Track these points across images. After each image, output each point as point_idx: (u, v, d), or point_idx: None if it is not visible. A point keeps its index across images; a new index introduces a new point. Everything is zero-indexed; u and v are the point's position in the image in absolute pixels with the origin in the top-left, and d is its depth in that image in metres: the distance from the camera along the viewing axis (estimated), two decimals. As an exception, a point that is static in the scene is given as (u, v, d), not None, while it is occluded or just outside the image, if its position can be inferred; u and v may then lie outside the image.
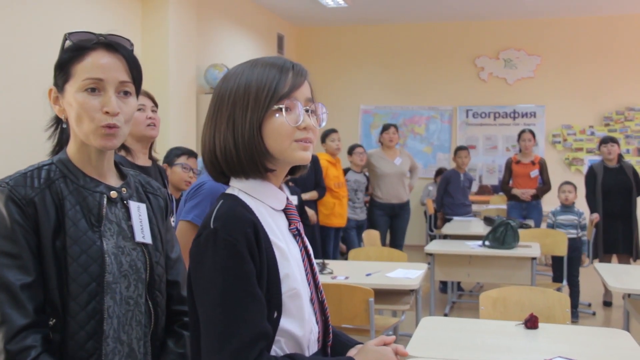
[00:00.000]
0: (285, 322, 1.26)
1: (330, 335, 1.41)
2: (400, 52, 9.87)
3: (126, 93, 1.42)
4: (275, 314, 1.25)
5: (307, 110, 1.30)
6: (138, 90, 1.46)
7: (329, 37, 10.12)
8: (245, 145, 1.27)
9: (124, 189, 1.46)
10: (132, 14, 5.86)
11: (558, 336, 2.63)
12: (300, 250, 1.36)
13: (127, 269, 1.40)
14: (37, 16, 4.68)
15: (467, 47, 9.68)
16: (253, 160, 1.28)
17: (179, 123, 6.10)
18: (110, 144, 1.39)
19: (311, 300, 1.34)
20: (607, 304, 6.21)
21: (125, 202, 1.46)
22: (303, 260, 1.35)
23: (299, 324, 1.29)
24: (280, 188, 1.37)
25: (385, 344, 1.38)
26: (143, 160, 2.63)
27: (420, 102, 9.87)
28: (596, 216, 6.08)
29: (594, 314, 5.93)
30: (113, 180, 1.47)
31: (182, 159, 3.70)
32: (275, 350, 1.25)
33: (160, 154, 3.75)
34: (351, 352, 1.40)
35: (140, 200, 1.50)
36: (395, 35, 9.89)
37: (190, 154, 3.76)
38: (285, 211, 1.37)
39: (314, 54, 9.92)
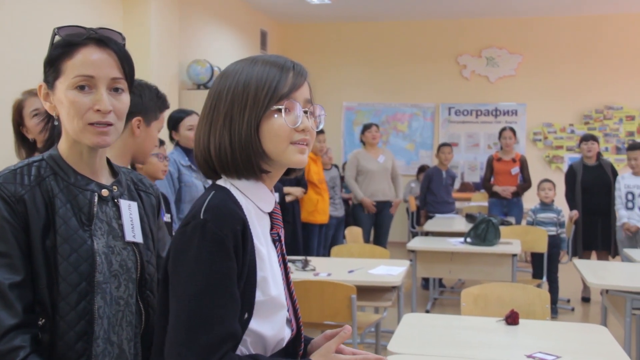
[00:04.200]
0: (255, 324, 1.24)
1: (302, 344, 1.40)
2: (383, 50, 9.89)
3: (118, 89, 1.38)
4: (246, 315, 1.23)
5: (305, 112, 1.28)
6: (131, 86, 1.43)
7: (313, 34, 10.11)
8: (241, 145, 1.25)
9: (115, 187, 1.44)
10: (113, 8, 5.81)
11: (538, 332, 2.67)
12: (278, 257, 1.35)
13: (117, 268, 1.38)
14: (15, 13, 4.62)
15: (450, 45, 9.73)
16: (249, 161, 1.26)
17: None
18: (102, 142, 1.36)
19: (287, 305, 1.33)
20: (586, 299, 6.29)
21: (116, 200, 1.43)
22: (280, 266, 1.34)
23: (270, 326, 1.28)
24: (271, 191, 1.36)
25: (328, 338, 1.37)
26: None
27: (403, 100, 9.91)
28: (575, 213, 6.16)
29: (572, 309, 6.00)
30: (105, 178, 1.44)
31: (155, 149, 3.67)
32: (240, 350, 1.23)
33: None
34: (309, 348, 1.40)
35: (131, 198, 1.47)
36: (379, 33, 9.91)
37: (161, 142, 3.75)
38: (271, 214, 1.36)
39: (297, 50, 9.91)
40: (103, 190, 1.40)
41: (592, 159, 6.25)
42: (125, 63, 1.41)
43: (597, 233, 6.19)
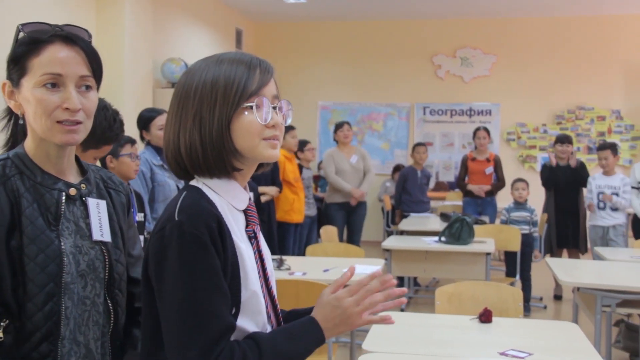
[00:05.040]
0: (240, 320, 1.25)
1: None
2: (358, 49, 9.92)
3: (87, 87, 1.36)
4: (234, 310, 1.24)
5: (274, 108, 1.29)
6: (99, 83, 1.41)
7: (288, 33, 10.10)
8: (212, 144, 1.25)
9: (83, 185, 1.41)
10: (86, 4, 5.74)
11: (511, 329, 2.70)
12: (255, 254, 1.34)
13: (84, 268, 1.36)
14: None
15: (425, 45, 9.78)
16: (221, 159, 1.26)
17: (134, 117, 5.98)
18: (72, 140, 1.34)
19: (265, 302, 1.33)
20: (558, 297, 6.38)
21: (84, 199, 1.41)
22: (257, 263, 1.34)
23: (254, 322, 1.28)
24: (245, 188, 1.36)
25: (341, 286, 1.32)
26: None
27: (378, 99, 9.95)
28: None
29: (545, 307, 6.08)
30: (73, 176, 1.42)
31: (127, 149, 3.64)
32: None
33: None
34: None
35: (100, 196, 1.45)
36: (354, 32, 9.93)
37: (133, 141, 3.71)
38: (245, 212, 1.36)
39: (273, 49, 9.89)
40: (71, 189, 1.38)
41: (565, 160, 6.33)
42: (94, 60, 1.38)
43: (568, 231, 6.28)
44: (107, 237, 1.40)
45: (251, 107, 1.26)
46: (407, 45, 9.81)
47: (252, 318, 1.28)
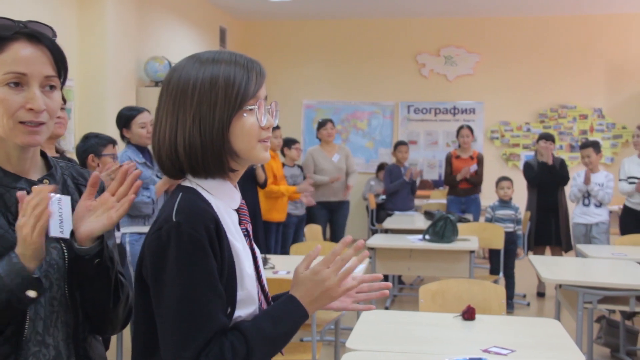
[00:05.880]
0: (234, 317, 1.27)
1: None
2: (343, 48, 9.92)
3: (51, 87, 1.32)
4: (229, 310, 1.26)
5: (267, 110, 1.32)
6: (63, 83, 1.37)
7: (272, 32, 10.08)
8: (213, 144, 1.25)
9: (46, 180, 1.37)
10: (68, 2, 5.69)
11: (494, 327, 2.72)
12: (250, 252, 1.36)
13: (46, 268, 1.32)
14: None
15: (409, 44, 9.81)
16: (220, 160, 1.27)
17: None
18: (34, 141, 1.31)
19: (259, 300, 1.35)
20: (541, 294, 6.43)
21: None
22: (253, 261, 1.36)
23: (247, 318, 1.30)
24: (235, 187, 1.37)
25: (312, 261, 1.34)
26: (50, 154, 2.58)
27: (363, 98, 9.96)
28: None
29: (528, 304, 6.12)
30: (37, 173, 1.38)
31: (109, 149, 3.63)
32: None
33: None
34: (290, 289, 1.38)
35: (66, 192, 1.40)
36: (338, 31, 9.93)
37: (115, 142, 3.70)
38: (238, 211, 1.37)
39: (257, 48, 9.87)
40: (33, 187, 1.32)
41: (548, 157, 6.38)
42: (59, 60, 1.34)
43: (550, 229, 6.33)
44: (67, 234, 1.33)
45: (250, 110, 1.27)
46: (392, 44, 9.83)
47: (246, 314, 1.30)
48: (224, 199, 1.31)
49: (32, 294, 1.22)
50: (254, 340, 1.22)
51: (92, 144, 3.60)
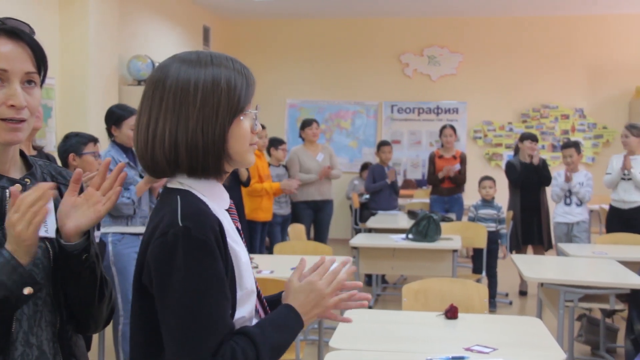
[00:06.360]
0: (235, 319, 1.29)
1: None
2: (327, 47, 9.93)
3: (31, 83, 1.31)
4: (230, 311, 1.27)
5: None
6: (43, 80, 1.36)
7: (256, 31, 10.06)
8: (215, 145, 1.27)
9: (27, 179, 1.36)
10: (48, 1, 5.64)
11: (476, 325, 2.73)
12: (246, 250, 1.38)
13: (31, 267, 1.30)
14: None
15: (393, 44, 9.84)
16: (219, 162, 1.29)
17: (99, 114, 5.90)
18: (15, 139, 1.30)
19: (256, 290, 1.38)
20: (523, 293, 6.48)
21: None
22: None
23: (248, 319, 1.32)
24: (223, 187, 1.39)
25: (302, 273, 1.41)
26: (27, 151, 2.56)
27: (347, 97, 9.97)
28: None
29: (510, 303, 6.17)
30: (17, 172, 1.37)
31: (90, 147, 3.61)
32: None
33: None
34: (284, 297, 1.41)
35: None
36: (323, 30, 9.94)
37: (95, 140, 3.68)
38: (228, 210, 1.38)
39: (241, 47, 9.84)
40: (15, 185, 1.31)
41: (534, 158, 6.41)
42: (39, 56, 1.33)
43: (532, 228, 6.38)
44: (51, 233, 1.32)
45: (246, 114, 1.31)
46: (375, 44, 9.85)
47: (247, 312, 1.32)
48: (216, 200, 1.32)
49: (27, 291, 1.22)
50: (263, 346, 1.24)
51: (73, 143, 3.58)
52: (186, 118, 1.26)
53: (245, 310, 1.31)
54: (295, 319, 1.33)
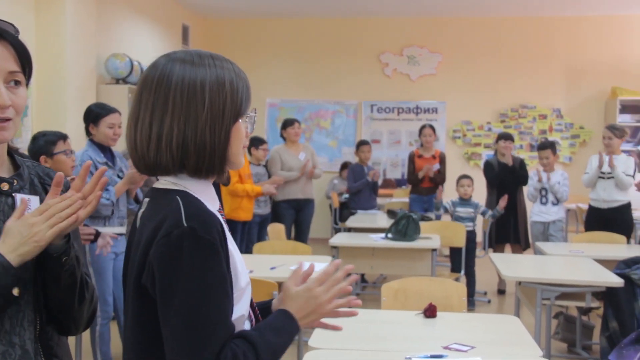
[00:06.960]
0: (235, 318, 1.29)
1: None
2: (306, 47, 9.92)
3: (16, 83, 1.31)
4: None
5: None
6: (28, 79, 1.36)
7: (235, 30, 10.03)
8: (221, 145, 1.28)
9: (15, 180, 1.35)
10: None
11: (455, 324, 2.75)
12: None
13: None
14: None
15: (372, 43, 9.86)
16: (222, 163, 1.30)
17: (77, 113, 5.85)
18: (2, 138, 1.29)
19: (249, 282, 1.39)
20: (502, 291, 6.54)
21: (13, 195, 1.35)
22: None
23: (246, 316, 1.34)
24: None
25: (300, 278, 1.41)
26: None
27: (326, 97, 9.98)
28: (505, 198, 6.20)
29: (489, 301, 6.22)
30: (4, 172, 1.37)
31: (60, 146, 3.52)
32: None
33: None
34: (275, 304, 1.43)
35: (34, 192, 1.39)
36: (302, 30, 9.93)
37: (65, 137, 3.58)
38: (218, 211, 1.38)
39: (220, 46, 9.80)
40: (3, 183, 1.33)
41: (508, 156, 6.48)
42: (23, 55, 1.33)
43: (509, 227, 6.44)
44: None
45: (247, 118, 1.34)
46: (355, 43, 9.86)
47: (242, 310, 1.32)
48: (209, 201, 1.32)
49: (16, 292, 1.22)
50: (262, 350, 1.25)
51: (42, 145, 3.46)
52: (195, 118, 1.26)
53: (243, 308, 1.32)
54: (292, 324, 1.34)
